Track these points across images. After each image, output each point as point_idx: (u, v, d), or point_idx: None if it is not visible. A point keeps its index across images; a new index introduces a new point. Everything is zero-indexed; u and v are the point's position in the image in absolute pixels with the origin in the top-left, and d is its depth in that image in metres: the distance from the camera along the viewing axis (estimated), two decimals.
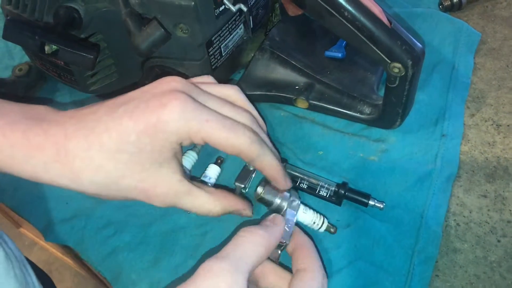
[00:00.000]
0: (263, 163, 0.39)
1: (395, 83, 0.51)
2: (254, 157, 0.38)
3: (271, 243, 0.36)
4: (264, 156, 0.38)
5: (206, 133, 0.35)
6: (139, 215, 0.54)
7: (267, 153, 0.39)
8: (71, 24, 0.47)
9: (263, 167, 0.40)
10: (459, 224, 0.51)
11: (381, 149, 0.57)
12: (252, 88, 0.61)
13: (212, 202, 0.40)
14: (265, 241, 0.35)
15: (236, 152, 0.37)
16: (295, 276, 0.38)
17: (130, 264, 0.51)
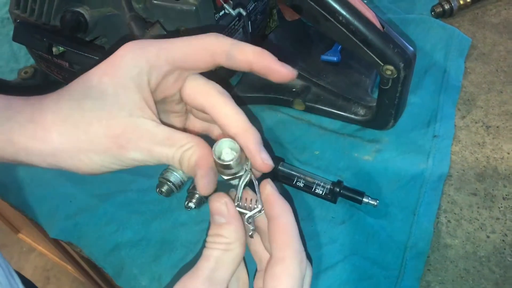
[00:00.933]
0: (244, 49, 0.33)
1: (388, 85, 0.53)
2: (228, 47, 0.33)
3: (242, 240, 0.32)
4: (240, 43, 0.33)
5: (167, 51, 0.32)
6: (141, 212, 0.56)
7: (241, 42, 0.34)
8: (77, 28, 0.49)
9: (246, 55, 0.33)
10: (450, 221, 0.53)
11: (375, 149, 0.59)
12: (250, 91, 0.63)
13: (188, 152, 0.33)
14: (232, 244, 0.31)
15: (208, 55, 0.33)
16: (269, 269, 0.31)
17: (132, 260, 0.53)
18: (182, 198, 0.55)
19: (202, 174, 0.33)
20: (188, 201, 0.54)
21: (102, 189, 0.58)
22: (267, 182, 0.34)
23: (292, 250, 0.31)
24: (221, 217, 0.32)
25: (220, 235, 0.31)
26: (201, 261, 0.31)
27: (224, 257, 0.31)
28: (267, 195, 0.34)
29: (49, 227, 0.57)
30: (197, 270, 0.30)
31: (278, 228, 0.32)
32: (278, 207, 0.33)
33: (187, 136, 0.33)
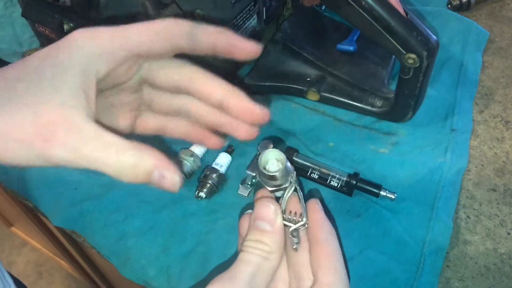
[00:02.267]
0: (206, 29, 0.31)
1: (409, 75, 0.51)
2: (188, 29, 0.31)
3: (281, 252, 0.32)
4: (200, 25, 0.31)
5: (122, 35, 0.30)
6: (149, 201, 0.54)
7: (202, 24, 0.32)
8: (89, 5, 0.47)
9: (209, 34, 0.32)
10: (469, 216, 0.52)
11: (391, 142, 0.57)
12: (263, 79, 0.61)
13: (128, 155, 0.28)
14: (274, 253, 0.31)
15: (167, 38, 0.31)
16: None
17: (139, 250, 0.51)
18: (192, 187, 0.53)
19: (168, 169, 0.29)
20: (198, 190, 0.52)
21: (109, 177, 0.56)
22: (316, 202, 0.35)
23: (339, 277, 0.31)
24: (266, 224, 0.31)
25: (262, 242, 0.31)
26: (240, 265, 0.30)
27: (263, 265, 0.30)
28: (316, 217, 0.34)
29: (52, 215, 0.55)
30: (237, 273, 0.30)
31: (325, 253, 0.32)
32: (326, 231, 0.33)
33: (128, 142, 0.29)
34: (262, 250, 0.31)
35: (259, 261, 0.30)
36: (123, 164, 0.28)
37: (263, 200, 0.33)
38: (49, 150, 0.27)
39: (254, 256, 0.30)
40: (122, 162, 0.28)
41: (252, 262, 0.30)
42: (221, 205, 0.53)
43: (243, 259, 0.30)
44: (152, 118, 0.37)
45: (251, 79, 0.61)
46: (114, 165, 0.28)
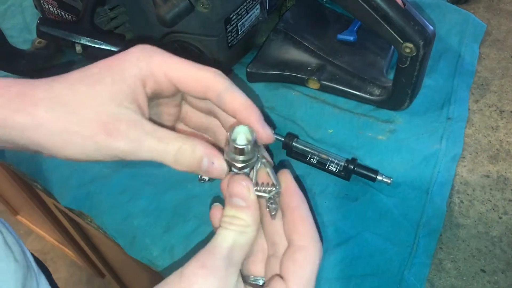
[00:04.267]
0: (235, 98, 0.34)
1: (406, 63, 0.53)
2: (222, 90, 0.34)
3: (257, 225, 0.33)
4: (233, 91, 0.34)
5: (168, 66, 0.33)
6: (154, 183, 0.56)
7: (237, 89, 0.34)
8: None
9: (234, 104, 0.34)
10: (462, 201, 0.54)
11: (389, 129, 0.59)
12: (266, 67, 0.63)
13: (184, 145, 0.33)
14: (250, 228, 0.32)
15: (202, 87, 0.34)
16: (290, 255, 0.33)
17: (144, 229, 0.53)
18: None
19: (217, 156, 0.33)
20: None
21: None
22: (287, 172, 0.35)
23: (313, 239, 0.33)
24: (241, 200, 0.32)
25: (237, 218, 0.32)
26: (217, 240, 0.31)
27: (240, 239, 0.31)
28: (287, 185, 0.35)
29: (61, 195, 0.57)
30: (215, 248, 0.30)
31: (299, 218, 0.33)
32: (298, 198, 0.34)
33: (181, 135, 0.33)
34: (238, 225, 0.31)
35: (236, 235, 0.31)
36: (179, 152, 0.32)
37: (235, 177, 0.33)
38: (113, 143, 0.31)
39: (230, 231, 0.31)
40: (179, 150, 0.32)
41: (229, 237, 0.31)
42: None
43: (220, 235, 0.31)
44: (184, 129, 0.41)
45: (254, 67, 0.63)
46: (171, 154, 0.32)
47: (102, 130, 0.31)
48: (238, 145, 0.32)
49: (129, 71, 0.33)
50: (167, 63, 0.33)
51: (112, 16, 0.57)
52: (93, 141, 0.32)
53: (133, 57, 0.33)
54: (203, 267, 0.29)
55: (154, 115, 0.38)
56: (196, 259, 0.30)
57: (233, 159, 0.34)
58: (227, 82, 0.34)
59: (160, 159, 0.33)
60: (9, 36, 0.63)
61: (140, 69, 0.33)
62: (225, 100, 0.34)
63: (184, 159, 0.33)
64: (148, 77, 0.33)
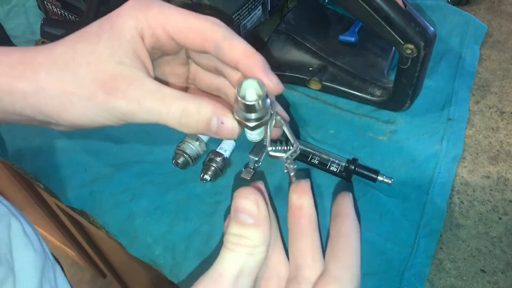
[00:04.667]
0: (234, 46, 0.31)
1: (407, 64, 0.53)
2: (219, 39, 0.31)
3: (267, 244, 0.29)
4: (233, 38, 0.31)
5: (165, 16, 0.31)
6: (156, 183, 0.56)
7: (236, 37, 0.32)
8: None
9: (233, 53, 0.31)
10: (463, 202, 0.54)
11: (390, 130, 0.59)
12: None
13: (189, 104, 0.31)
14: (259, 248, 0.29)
15: (199, 38, 0.31)
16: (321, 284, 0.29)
17: (146, 229, 0.53)
18: (197, 171, 0.55)
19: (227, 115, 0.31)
20: (203, 173, 0.54)
21: (118, 159, 0.58)
22: (347, 195, 0.33)
23: (351, 273, 0.29)
24: (248, 217, 0.28)
25: (245, 237, 0.28)
26: (222, 265, 0.28)
27: (249, 262, 0.28)
28: (343, 208, 0.33)
29: (63, 194, 0.57)
30: (220, 276, 0.28)
31: (345, 247, 0.30)
32: (351, 225, 0.31)
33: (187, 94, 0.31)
34: (245, 246, 0.28)
35: (243, 258, 0.28)
36: (184, 113, 0.30)
37: (241, 190, 0.29)
38: (112, 103, 0.30)
39: (237, 254, 0.28)
40: (183, 111, 0.30)
41: (236, 261, 0.28)
42: (225, 188, 0.55)
43: (225, 258, 0.28)
44: (196, 92, 0.39)
45: None
46: (175, 115, 0.30)
47: (100, 89, 0.30)
48: (248, 101, 0.29)
49: (127, 24, 0.31)
50: (163, 14, 0.31)
51: None
52: (92, 102, 0.30)
53: (129, 8, 0.31)
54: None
55: (161, 75, 0.36)
56: (201, 287, 0.28)
57: (244, 118, 0.30)
58: (225, 31, 0.31)
59: (163, 122, 0.30)
60: (13, 36, 0.64)
61: (137, 20, 0.31)
62: (224, 50, 0.31)
63: (190, 120, 0.30)
64: (146, 29, 0.31)
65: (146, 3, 0.32)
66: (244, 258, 0.28)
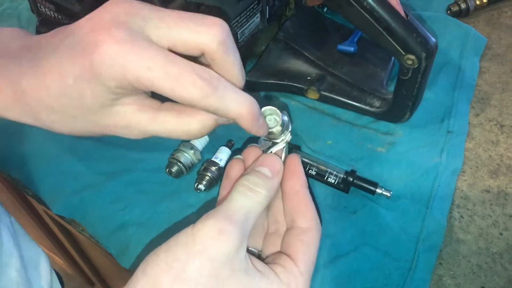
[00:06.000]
0: (229, 115, 0.30)
1: (408, 75, 0.52)
2: (212, 111, 0.30)
3: (270, 198, 0.34)
4: (227, 109, 0.30)
5: (147, 81, 0.28)
6: (149, 192, 0.54)
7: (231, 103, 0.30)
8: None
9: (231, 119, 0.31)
10: (463, 216, 0.53)
11: (388, 141, 0.58)
12: (265, 76, 0.62)
13: (185, 121, 0.32)
14: (267, 199, 0.33)
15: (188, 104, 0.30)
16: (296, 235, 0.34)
17: (137, 239, 0.51)
18: (192, 180, 0.54)
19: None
20: (198, 183, 0.53)
21: (110, 167, 0.57)
22: (297, 156, 0.38)
23: (315, 223, 0.35)
24: (268, 171, 0.34)
25: (261, 187, 0.32)
26: (236, 205, 0.31)
27: (256, 209, 0.32)
28: (293, 167, 0.37)
29: (52, 203, 0.55)
30: (234, 213, 0.30)
31: (303, 201, 0.36)
32: (301, 181, 0.36)
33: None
34: (258, 195, 0.32)
35: (252, 204, 0.31)
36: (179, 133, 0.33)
37: (271, 153, 0.36)
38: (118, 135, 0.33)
39: (249, 199, 0.31)
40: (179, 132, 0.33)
41: (247, 205, 0.31)
42: None
43: (237, 199, 0.31)
44: None
45: (253, 76, 0.62)
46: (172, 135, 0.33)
47: (104, 131, 0.32)
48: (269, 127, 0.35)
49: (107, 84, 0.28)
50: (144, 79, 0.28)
51: None
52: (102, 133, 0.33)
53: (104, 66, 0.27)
54: (221, 233, 0.28)
55: None
56: (212, 222, 0.29)
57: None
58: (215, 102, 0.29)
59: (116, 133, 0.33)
60: None
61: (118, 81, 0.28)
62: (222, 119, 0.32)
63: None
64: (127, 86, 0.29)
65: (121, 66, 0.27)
66: (253, 203, 0.31)
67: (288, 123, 0.37)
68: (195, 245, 0.28)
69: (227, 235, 0.29)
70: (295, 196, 0.36)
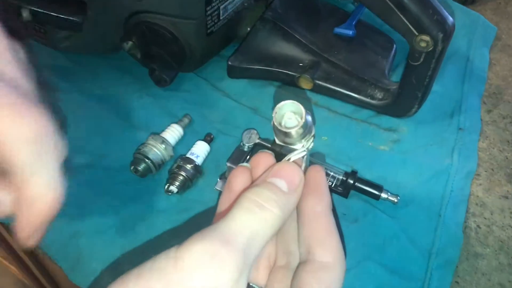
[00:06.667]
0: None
1: (419, 60, 0.45)
2: None
3: (284, 219, 0.26)
4: None
5: None
6: (110, 194, 0.45)
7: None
8: None
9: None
10: (479, 226, 0.45)
11: (392, 139, 0.51)
12: (250, 61, 0.54)
13: None
14: (280, 221, 0.25)
15: None
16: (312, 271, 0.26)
17: (92, 251, 0.42)
18: (162, 180, 0.45)
19: None
20: (169, 184, 0.45)
21: (63, 163, 0.47)
22: (320, 169, 0.29)
23: (339, 258, 0.26)
24: (285, 184, 0.26)
25: (273, 203, 0.25)
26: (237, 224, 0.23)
27: (264, 231, 0.24)
28: (317, 181, 0.28)
29: None
30: (234, 235, 0.23)
31: (325, 227, 0.27)
32: (326, 202, 0.28)
33: None
34: (269, 214, 0.24)
35: (262, 226, 0.24)
36: None
37: (290, 162, 0.28)
38: None
39: (256, 219, 0.24)
40: None
41: (254, 226, 0.23)
42: (196, 202, 0.45)
43: (239, 217, 0.24)
44: None
45: (236, 60, 0.53)
46: None
47: None
48: (284, 127, 0.28)
49: None
50: None
51: None
52: None
53: None
54: (214, 259, 0.22)
55: None
56: (204, 244, 0.22)
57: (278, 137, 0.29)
58: None
59: None
60: None
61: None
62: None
63: None
64: None
65: None
66: (261, 224, 0.24)
67: (312, 125, 0.29)
68: (178, 272, 0.21)
69: (222, 263, 0.22)
70: (315, 220, 0.27)
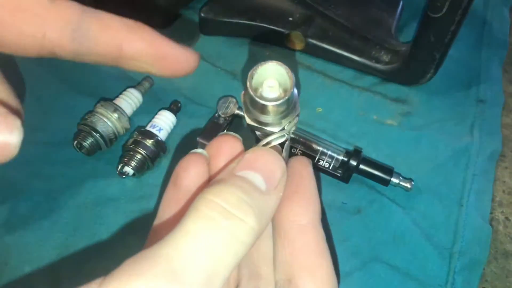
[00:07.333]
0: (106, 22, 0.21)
1: (441, 11, 0.37)
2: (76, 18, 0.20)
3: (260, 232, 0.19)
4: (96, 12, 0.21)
5: None
6: (46, 177, 0.37)
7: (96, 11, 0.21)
8: None
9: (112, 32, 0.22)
10: (508, 218, 0.39)
11: (401, 111, 0.43)
12: (227, 14, 0.45)
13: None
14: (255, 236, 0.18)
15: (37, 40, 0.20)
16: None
17: (23, 251, 0.35)
18: (114, 159, 0.38)
19: None
20: (123, 164, 0.37)
21: None
22: (309, 162, 0.23)
23: (331, 282, 0.20)
24: (263, 180, 0.19)
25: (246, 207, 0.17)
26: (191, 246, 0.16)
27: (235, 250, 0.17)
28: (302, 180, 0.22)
29: None
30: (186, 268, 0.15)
31: (314, 246, 0.21)
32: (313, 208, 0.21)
33: None
34: (241, 225, 0.17)
35: (228, 246, 0.17)
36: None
37: (269, 148, 0.20)
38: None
39: (220, 235, 0.16)
40: None
41: (215, 247, 0.16)
42: (157, 188, 0.38)
43: (198, 236, 0.16)
44: None
45: (210, 12, 0.44)
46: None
47: None
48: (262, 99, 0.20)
49: None
50: None
51: None
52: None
53: None
54: None
55: None
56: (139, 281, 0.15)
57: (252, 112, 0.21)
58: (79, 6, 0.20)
59: None
60: None
61: None
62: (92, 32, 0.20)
63: None
64: None
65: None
66: (229, 243, 0.17)
67: (297, 100, 0.22)
68: None
69: None
70: (300, 237, 0.21)
